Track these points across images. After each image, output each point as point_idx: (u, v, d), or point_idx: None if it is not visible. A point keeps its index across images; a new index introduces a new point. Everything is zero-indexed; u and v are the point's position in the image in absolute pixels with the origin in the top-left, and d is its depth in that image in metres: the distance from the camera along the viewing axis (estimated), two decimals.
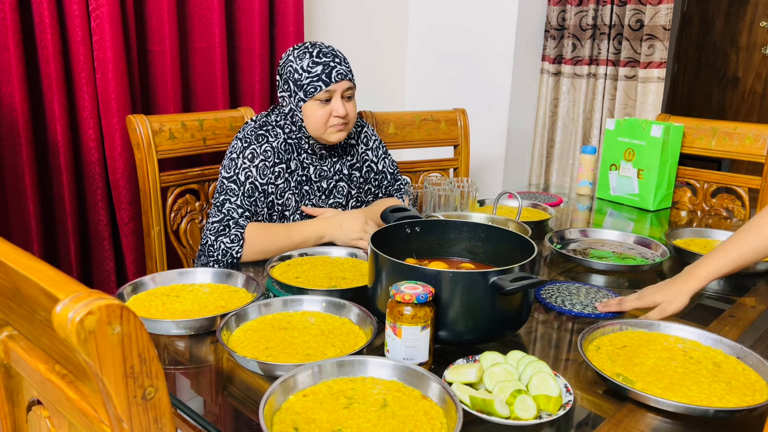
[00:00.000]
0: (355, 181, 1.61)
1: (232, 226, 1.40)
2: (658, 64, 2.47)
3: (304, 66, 1.42)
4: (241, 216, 1.42)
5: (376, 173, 1.66)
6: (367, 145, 1.65)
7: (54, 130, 1.77)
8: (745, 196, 2.01)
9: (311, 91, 1.43)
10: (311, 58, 1.43)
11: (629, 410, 0.86)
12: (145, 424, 0.54)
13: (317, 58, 1.43)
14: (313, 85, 1.42)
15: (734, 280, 1.39)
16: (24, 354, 0.67)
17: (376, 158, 1.66)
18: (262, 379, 0.91)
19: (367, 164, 1.64)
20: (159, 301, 1.11)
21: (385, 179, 1.69)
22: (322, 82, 1.42)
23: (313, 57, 1.43)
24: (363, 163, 1.63)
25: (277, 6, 2.21)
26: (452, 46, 2.86)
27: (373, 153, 1.66)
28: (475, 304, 0.95)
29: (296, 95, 1.45)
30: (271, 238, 1.41)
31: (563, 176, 2.85)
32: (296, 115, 1.47)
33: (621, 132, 2.03)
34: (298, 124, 1.48)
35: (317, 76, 1.42)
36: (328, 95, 1.43)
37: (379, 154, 1.67)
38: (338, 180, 1.58)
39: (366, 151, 1.64)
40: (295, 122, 1.48)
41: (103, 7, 1.74)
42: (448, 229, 1.23)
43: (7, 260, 0.57)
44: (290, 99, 1.46)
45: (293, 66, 1.44)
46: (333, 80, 1.43)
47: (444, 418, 0.78)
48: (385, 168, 1.68)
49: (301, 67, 1.43)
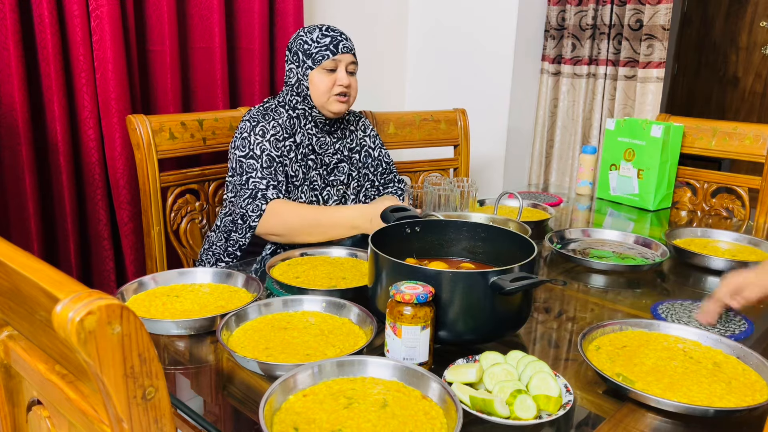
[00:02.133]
0: (355, 163, 1.68)
1: (258, 197, 1.45)
2: (658, 64, 2.47)
3: (314, 37, 1.52)
4: (267, 187, 1.46)
5: (373, 159, 1.73)
6: (365, 132, 1.73)
7: (54, 130, 1.77)
8: (745, 196, 2.01)
9: (319, 60, 1.51)
10: (320, 31, 1.53)
11: (629, 410, 0.86)
12: (145, 424, 0.54)
13: (326, 32, 1.53)
14: (321, 54, 1.51)
15: None
16: (24, 354, 0.67)
17: (373, 145, 1.74)
18: (262, 379, 0.91)
19: (365, 149, 1.72)
20: (159, 301, 1.11)
21: (381, 166, 1.75)
22: (329, 51, 1.51)
23: (322, 31, 1.53)
24: (362, 148, 1.71)
25: (277, 6, 2.21)
26: (452, 46, 2.86)
27: (370, 140, 1.73)
28: (475, 304, 0.95)
29: (304, 64, 1.53)
30: (298, 213, 1.43)
31: (562, 176, 2.85)
32: (302, 84, 1.54)
33: (621, 132, 2.03)
34: (303, 93, 1.54)
35: (325, 45, 1.51)
36: (333, 65, 1.52)
37: (375, 143, 1.75)
38: (340, 160, 1.64)
39: (364, 137, 1.72)
40: (300, 92, 1.55)
41: (103, 7, 1.74)
42: (448, 229, 1.23)
43: (7, 260, 0.57)
44: (297, 69, 1.54)
45: (303, 38, 1.54)
46: (340, 51, 1.52)
47: (444, 418, 0.78)
48: (381, 157, 1.75)
49: (311, 39, 1.52)
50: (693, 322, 1.14)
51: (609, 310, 1.22)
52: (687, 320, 1.15)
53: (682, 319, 1.16)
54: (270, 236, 1.47)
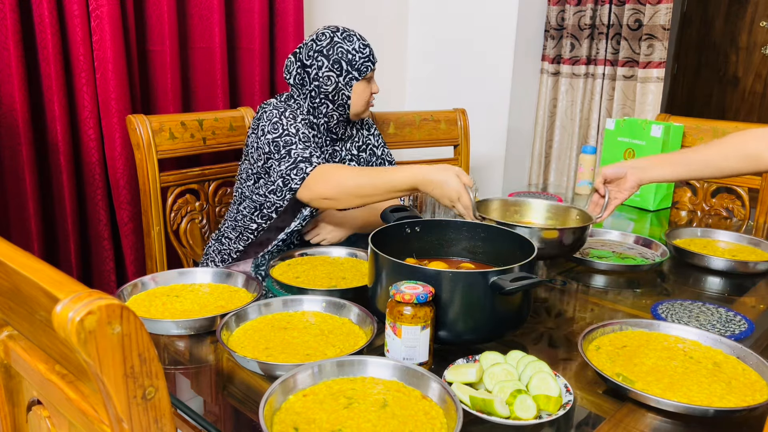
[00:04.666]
0: (363, 162, 1.69)
1: (301, 163, 1.39)
2: (657, 64, 2.47)
3: (356, 48, 1.52)
4: (311, 155, 1.40)
5: (377, 158, 1.74)
6: (369, 130, 1.74)
7: (54, 130, 1.77)
8: (745, 196, 2.01)
9: (364, 71, 1.53)
10: (360, 40, 1.53)
11: (629, 410, 0.86)
12: (145, 424, 0.54)
13: (363, 41, 1.54)
14: (365, 65, 1.52)
15: (734, 280, 1.40)
16: (24, 354, 0.67)
17: (377, 143, 1.74)
18: (262, 379, 0.91)
19: (370, 147, 1.72)
20: (159, 301, 1.11)
21: (384, 164, 1.75)
22: (371, 62, 1.54)
23: (360, 40, 1.53)
24: (367, 146, 1.71)
25: (277, 6, 2.21)
26: (452, 45, 2.86)
27: (374, 138, 1.74)
28: (475, 304, 0.95)
29: (349, 74, 1.52)
30: (351, 173, 1.37)
31: (561, 176, 2.85)
32: (343, 94, 1.53)
33: (621, 132, 2.03)
34: (343, 102, 1.53)
35: (367, 57, 1.53)
36: (372, 75, 1.56)
37: (379, 141, 1.75)
38: (349, 160, 1.65)
39: (369, 136, 1.73)
40: (337, 100, 1.53)
41: (103, 7, 1.74)
42: (448, 229, 1.23)
43: (7, 260, 0.57)
44: (338, 78, 1.51)
45: (344, 47, 1.51)
46: (376, 61, 1.56)
47: (444, 418, 0.78)
48: (384, 156, 1.75)
49: (354, 49, 1.52)
50: (693, 323, 1.14)
51: (609, 310, 1.22)
52: (687, 320, 1.15)
53: (682, 319, 1.16)
54: (319, 201, 1.38)
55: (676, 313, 1.19)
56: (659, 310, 1.20)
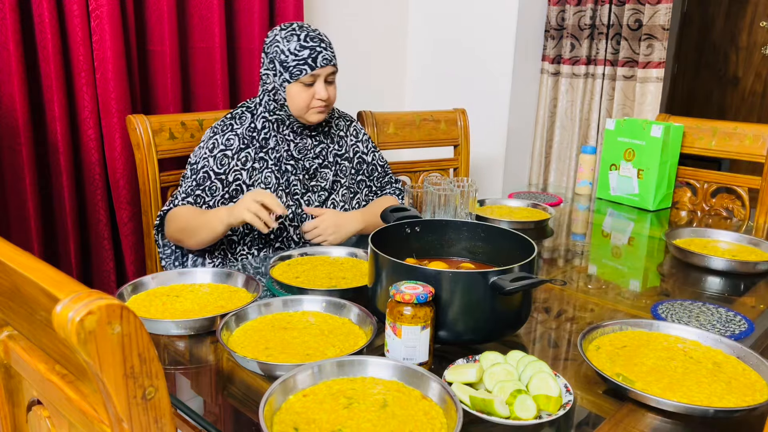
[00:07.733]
0: (345, 170, 1.64)
1: (172, 201, 1.50)
2: (657, 64, 2.47)
3: (291, 48, 1.45)
4: (182, 200, 1.48)
5: (368, 164, 1.70)
6: (357, 137, 1.69)
7: (54, 130, 1.77)
8: (745, 196, 2.01)
9: (297, 74, 1.45)
10: (299, 41, 1.45)
11: (629, 410, 0.86)
12: (145, 424, 0.54)
13: (305, 42, 1.45)
14: (299, 69, 1.45)
15: (734, 280, 1.40)
16: (24, 354, 0.67)
17: (366, 150, 1.70)
18: (262, 379, 0.91)
19: (358, 156, 1.68)
20: (159, 301, 1.11)
21: (376, 171, 1.72)
22: (308, 66, 1.45)
23: (300, 41, 1.45)
24: (354, 154, 1.67)
25: (277, 6, 2.21)
26: (452, 46, 2.86)
27: (363, 145, 1.70)
28: (475, 304, 0.95)
29: (281, 75, 1.47)
30: (189, 216, 1.44)
31: (561, 176, 2.85)
32: (280, 95, 1.50)
33: (621, 132, 2.03)
34: (281, 102, 1.51)
35: (303, 60, 1.44)
36: (312, 79, 1.46)
37: (368, 147, 1.71)
38: (321, 165, 1.59)
39: (356, 143, 1.68)
40: (278, 100, 1.51)
41: (103, 7, 1.74)
42: (448, 229, 1.23)
43: (7, 260, 0.57)
44: (275, 78, 1.49)
45: (280, 47, 1.46)
46: (318, 65, 1.46)
47: (444, 418, 0.78)
48: (375, 161, 1.72)
49: (288, 50, 1.45)
50: (693, 323, 1.14)
51: (609, 310, 1.22)
52: (687, 320, 1.15)
53: (682, 319, 1.16)
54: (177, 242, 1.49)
55: (676, 313, 1.19)
56: (659, 310, 1.20)
